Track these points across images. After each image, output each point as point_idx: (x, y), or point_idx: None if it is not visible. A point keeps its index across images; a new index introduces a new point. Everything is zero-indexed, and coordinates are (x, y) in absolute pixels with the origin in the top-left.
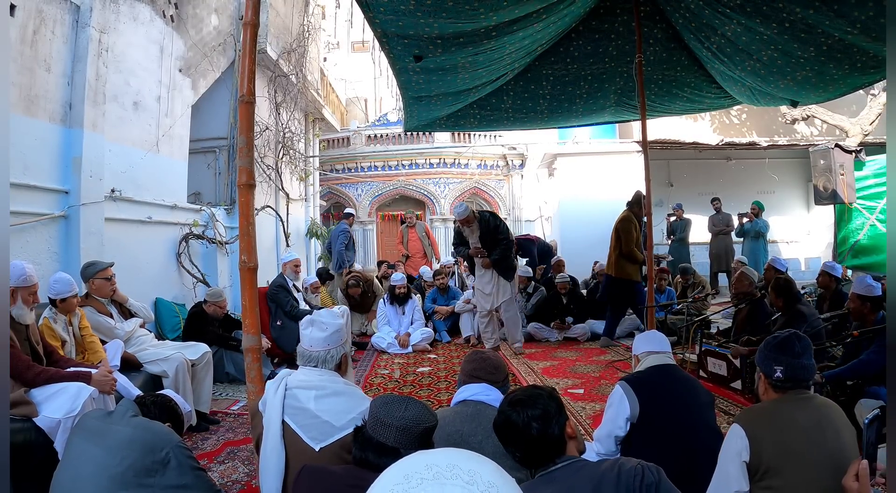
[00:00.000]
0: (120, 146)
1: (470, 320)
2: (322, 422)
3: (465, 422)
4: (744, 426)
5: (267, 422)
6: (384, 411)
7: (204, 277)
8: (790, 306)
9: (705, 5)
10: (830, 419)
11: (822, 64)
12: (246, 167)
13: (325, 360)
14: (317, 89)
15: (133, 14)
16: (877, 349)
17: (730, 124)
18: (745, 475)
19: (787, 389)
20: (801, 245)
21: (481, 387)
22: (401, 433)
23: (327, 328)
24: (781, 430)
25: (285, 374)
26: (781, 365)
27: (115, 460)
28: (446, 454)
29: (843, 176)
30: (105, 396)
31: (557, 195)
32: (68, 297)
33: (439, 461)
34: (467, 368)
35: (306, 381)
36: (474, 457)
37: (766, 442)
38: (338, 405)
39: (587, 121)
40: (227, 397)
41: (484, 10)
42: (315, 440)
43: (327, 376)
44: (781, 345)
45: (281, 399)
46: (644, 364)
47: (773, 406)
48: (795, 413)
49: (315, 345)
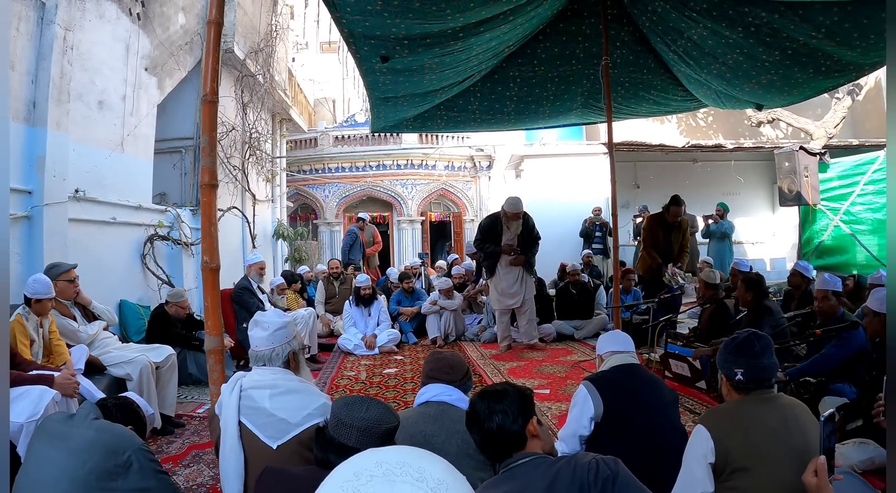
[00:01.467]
0: (84, 146)
1: (436, 321)
2: (278, 420)
3: (429, 423)
4: (708, 428)
5: (224, 424)
6: (345, 411)
7: (169, 278)
8: (758, 302)
9: (672, 9)
10: (796, 418)
11: (787, 68)
12: (209, 167)
13: (270, 358)
14: (284, 90)
15: (99, 11)
16: (837, 343)
17: (696, 127)
18: (711, 476)
19: (750, 389)
20: (766, 246)
21: (443, 388)
22: (362, 434)
23: (269, 327)
24: (747, 430)
25: (240, 376)
26: (742, 367)
27: (77, 463)
28: (397, 452)
29: (808, 178)
30: (68, 399)
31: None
32: (44, 299)
33: (389, 458)
34: (426, 368)
35: (260, 380)
36: (425, 455)
37: (731, 443)
38: (293, 402)
39: (554, 122)
40: (192, 400)
41: (451, 12)
42: (272, 438)
43: (281, 374)
44: (740, 347)
45: (236, 400)
46: (608, 364)
47: (737, 407)
48: (760, 413)
49: (260, 344)
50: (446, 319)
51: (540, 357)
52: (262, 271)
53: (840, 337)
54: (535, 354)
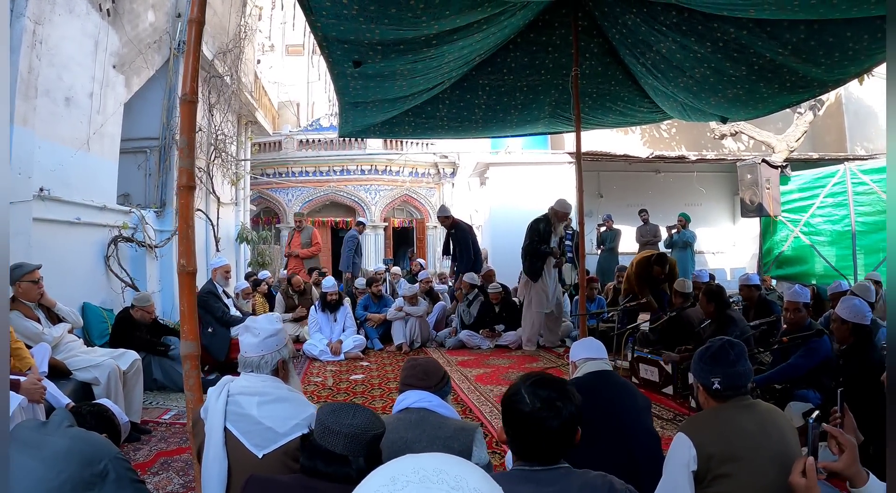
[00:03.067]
0: (50, 143)
1: (402, 327)
2: (265, 428)
3: (409, 429)
4: (690, 435)
5: (209, 429)
6: (332, 418)
7: (133, 281)
8: (721, 312)
9: (642, 22)
10: (775, 424)
11: (753, 82)
12: (187, 169)
13: (259, 365)
14: (250, 92)
15: (69, 6)
16: (803, 353)
17: (660, 138)
18: (692, 484)
19: (728, 397)
20: (727, 256)
21: (422, 394)
22: (349, 441)
23: (260, 334)
24: (727, 437)
25: (227, 380)
26: (718, 376)
27: (52, 473)
28: (435, 459)
29: (769, 190)
30: (34, 404)
31: (489, 204)
32: None
33: (427, 464)
34: (402, 376)
35: (249, 387)
36: (463, 463)
37: (713, 449)
38: (281, 411)
39: (521, 131)
40: (158, 407)
41: (426, 19)
42: (258, 446)
43: (270, 381)
44: (715, 356)
45: (223, 406)
46: (582, 370)
47: (717, 414)
48: (740, 419)
49: (249, 351)
50: (412, 325)
51: (506, 364)
52: (227, 275)
53: (807, 347)
54: (501, 360)
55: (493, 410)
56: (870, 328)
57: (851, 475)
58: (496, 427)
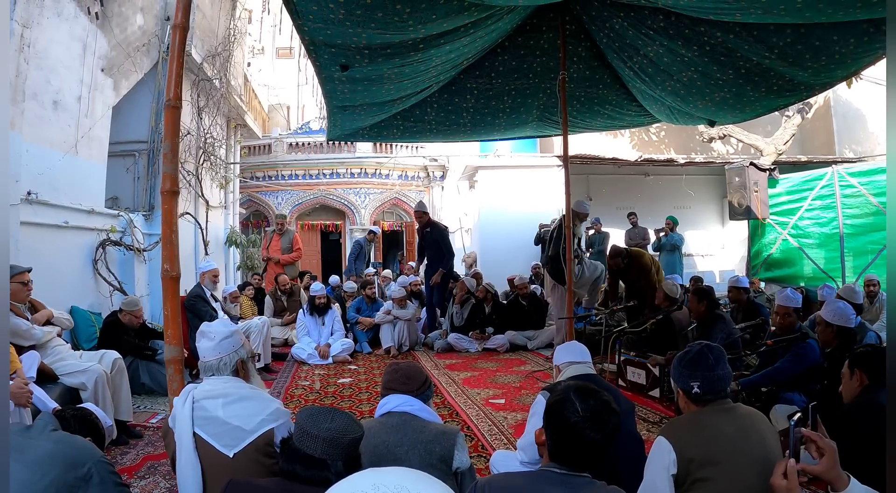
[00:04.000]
0: (38, 147)
1: (390, 331)
2: (233, 428)
3: (391, 433)
4: (669, 439)
5: (179, 437)
6: (310, 422)
7: (121, 285)
8: (711, 311)
9: (629, 26)
10: (755, 427)
11: (740, 86)
12: (170, 173)
13: (218, 368)
14: (240, 95)
15: (57, 9)
16: (790, 358)
17: (648, 141)
18: (672, 487)
19: (708, 401)
20: (715, 258)
21: (404, 398)
22: (328, 445)
23: (215, 337)
24: (707, 440)
25: (191, 387)
26: (697, 380)
27: (36, 476)
28: (396, 474)
29: (758, 193)
30: (21, 409)
31: (478, 207)
32: None
33: (387, 481)
34: (384, 379)
35: (212, 390)
36: (424, 479)
37: (692, 453)
38: (246, 410)
39: (510, 135)
40: (146, 410)
41: (413, 23)
42: (228, 446)
43: (232, 382)
44: (694, 360)
45: (189, 412)
46: (565, 374)
47: (697, 418)
48: (720, 423)
49: (207, 355)
50: (400, 328)
51: (494, 367)
52: (215, 279)
53: (795, 352)
54: (489, 364)
55: (480, 413)
56: (854, 331)
57: (832, 478)
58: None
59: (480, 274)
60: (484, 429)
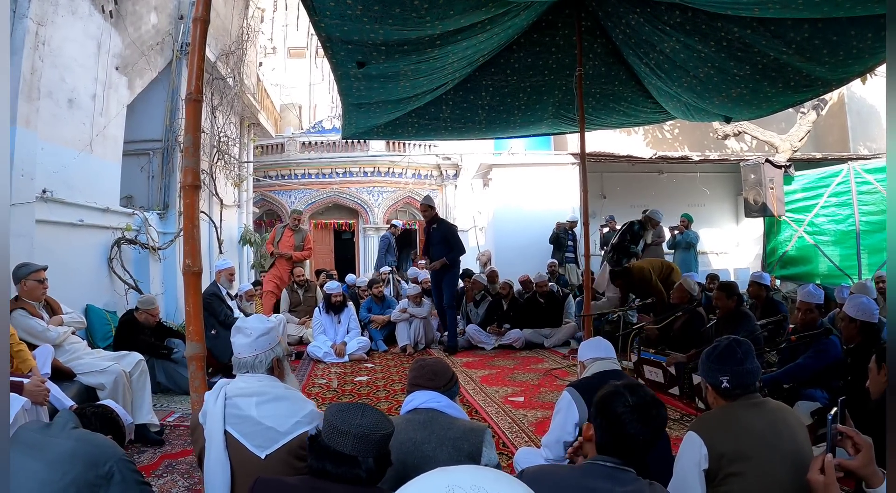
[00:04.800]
0: (53, 145)
1: (406, 329)
2: (266, 428)
3: (418, 430)
4: (701, 434)
5: (209, 434)
6: (340, 418)
7: (136, 283)
8: (737, 307)
9: (645, 22)
10: (786, 421)
11: (757, 82)
12: (192, 167)
13: (253, 365)
14: (253, 94)
15: (72, 7)
16: (812, 354)
17: (663, 139)
18: (703, 483)
19: (738, 395)
20: (730, 256)
21: (431, 394)
22: (358, 441)
23: (252, 333)
24: (738, 435)
25: (224, 383)
26: (727, 374)
27: (57, 475)
28: (470, 474)
29: (773, 190)
30: (38, 407)
31: (492, 205)
32: None
33: (462, 481)
34: (410, 375)
35: (246, 388)
36: (502, 478)
37: (724, 448)
38: (281, 410)
39: (525, 132)
40: (162, 409)
41: (430, 19)
42: (260, 447)
43: (267, 381)
44: (723, 354)
45: (221, 409)
46: (590, 370)
47: (727, 413)
48: (750, 418)
49: (242, 351)
50: (416, 326)
51: (511, 365)
52: (231, 277)
53: (817, 349)
54: (506, 361)
55: (499, 411)
56: (878, 327)
57: (868, 474)
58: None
59: (496, 272)
60: (504, 427)
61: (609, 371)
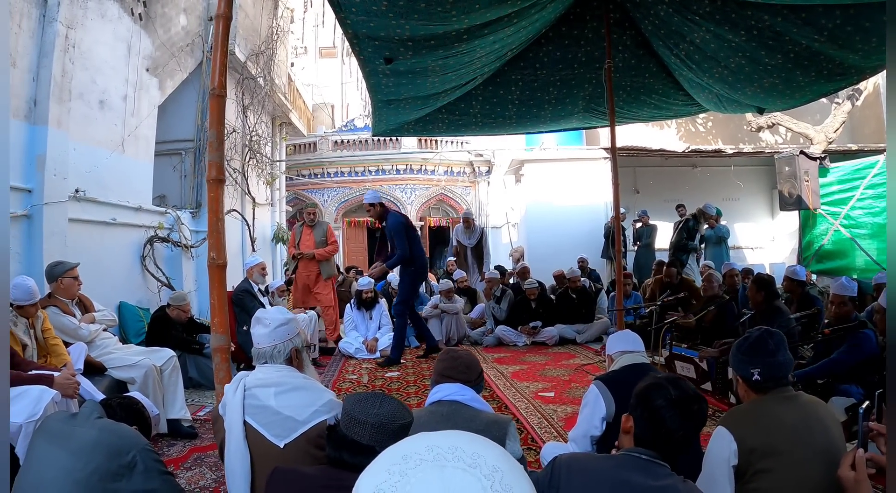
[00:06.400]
0: (85, 145)
1: (438, 325)
2: (284, 418)
3: (441, 422)
4: (730, 429)
5: (228, 425)
6: (358, 408)
7: (169, 280)
8: (769, 302)
9: (675, 12)
10: (818, 416)
11: (790, 71)
12: (216, 162)
13: (272, 355)
14: (284, 93)
15: (101, 10)
16: (847, 349)
17: (695, 132)
18: (732, 479)
19: (769, 388)
20: (765, 251)
21: (456, 387)
22: (376, 431)
23: (270, 324)
24: (769, 430)
25: (243, 375)
26: (758, 366)
27: (80, 463)
28: (449, 436)
29: (808, 182)
30: (68, 400)
31: (524, 201)
32: (26, 305)
33: (441, 442)
34: (440, 367)
35: (264, 379)
36: (478, 440)
37: (754, 443)
38: (299, 400)
39: (555, 127)
40: (193, 404)
41: (456, 13)
42: (279, 436)
43: (285, 371)
44: (754, 346)
45: (240, 400)
46: (618, 364)
47: (757, 407)
48: (781, 413)
49: (261, 341)
50: (448, 322)
51: (542, 361)
52: (263, 272)
53: (851, 343)
54: (538, 357)
55: (529, 406)
56: None
57: None
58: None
59: (528, 268)
60: (534, 422)
61: (637, 365)
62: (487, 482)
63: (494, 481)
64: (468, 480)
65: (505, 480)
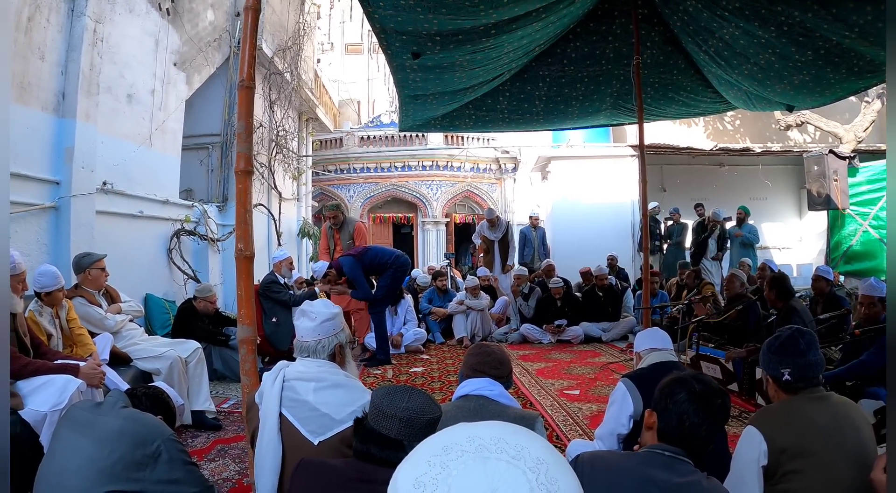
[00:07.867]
0: (112, 139)
1: (463, 321)
2: (321, 415)
3: (468, 417)
4: (760, 429)
5: (263, 415)
6: (387, 401)
7: (195, 273)
8: (784, 300)
9: (703, 8)
10: (849, 417)
11: (820, 68)
12: (244, 153)
13: (315, 350)
14: (311, 89)
15: (129, 5)
16: (876, 350)
17: (723, 130)
18: (761, 480)
19: (800, 389)
20: (793, 252)
21: (484, 382)
22: (404, 425)
23: (316, 318)
24: (799, 430)
25: (283, 365)
26: (788, 366)
27: (104, 452)
28: (491, 427)
29: (837, 182)
30: (93, 389)
31: (551, 198)
32: (53, 290)
33: (483, 433)
34: (471, 361)
35: (305, 372)
36: (521, 431)
37: (784, 443)
38: (338, 397)
39: (583, 123)
40: (218, 395)
41: (484, 8)
42: (314, 433)
43: (327, 367)
44: (785, 345)
45: (279, 391)
46: (646, 361)
47: (788, 407)
48: (812, 413)
49: (305, 335)
50: (473, 319)
51: (568, 359)
52: (291, 266)
53: (881, 344)
54: (563, 355)
55: (555, 404)
56: None
57: None
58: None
59: (553, 266)
60: (559, 420)
61: (666, 362)
62: (532, 475)
63: (539, 473)
64: (512, 473)
65: (550, 473)
